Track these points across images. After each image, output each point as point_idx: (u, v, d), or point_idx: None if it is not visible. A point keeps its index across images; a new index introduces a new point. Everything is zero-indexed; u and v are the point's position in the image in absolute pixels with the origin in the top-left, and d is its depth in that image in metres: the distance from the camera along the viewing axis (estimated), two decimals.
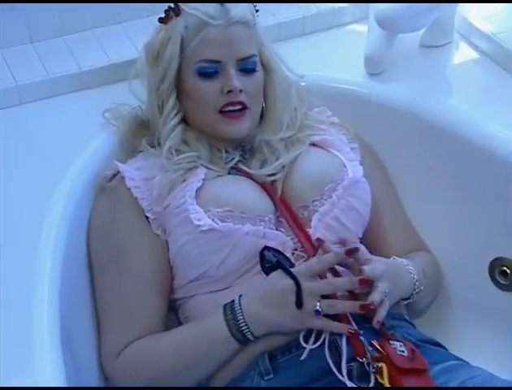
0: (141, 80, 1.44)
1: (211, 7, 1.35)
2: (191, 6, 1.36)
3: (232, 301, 1.25)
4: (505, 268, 1.47)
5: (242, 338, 1.23)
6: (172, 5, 1.38)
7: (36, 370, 1.11)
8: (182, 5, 1.37)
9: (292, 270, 1.23)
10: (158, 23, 1.40)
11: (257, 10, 1.41)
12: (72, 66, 1.59)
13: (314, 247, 1.30)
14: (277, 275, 1.24)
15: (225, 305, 1.25)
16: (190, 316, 1.34)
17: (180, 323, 1.37)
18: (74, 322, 1.30)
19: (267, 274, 1.26)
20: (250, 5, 1.39)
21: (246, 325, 1.23)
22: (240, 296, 1.25)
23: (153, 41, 1.39)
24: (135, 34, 1.65)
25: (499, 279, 1.48)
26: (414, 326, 1.36)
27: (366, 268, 1.23)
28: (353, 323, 1.22)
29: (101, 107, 1.48)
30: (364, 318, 1.24)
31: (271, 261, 1.26)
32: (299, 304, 1.21)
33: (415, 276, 1.35)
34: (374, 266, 1.25)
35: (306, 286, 1.22)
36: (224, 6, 1.35)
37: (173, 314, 1.38)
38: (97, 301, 1.35)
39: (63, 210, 1.34)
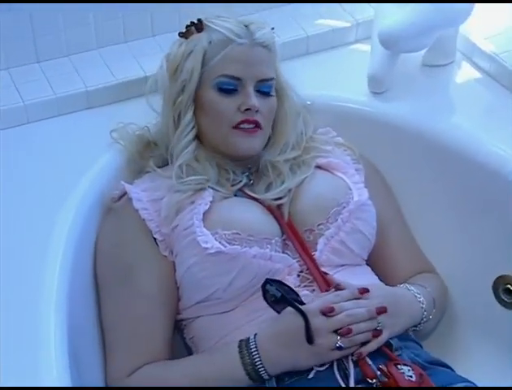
0: (156, 95, 1.44)
1: (236, 27, 1.37)
2: (216, 23, 1.38)
3: (248, 340, 1.23)
4: (508, 286, 1.48)
5: (257, 378, 1.22)
6: (196, 20, 1.40)
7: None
8: (206, 21, 1.39)
9: (305, 306, 1.22)
10: (178, 37, 1.42)
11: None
12: (79, 85, 1.60)
13: (320, 271, 1.30)
14: (289, 313, 1.22)
15: (240, 343, 1.23)
16: (195, 337, 1.34)
17: (185, 343, 1.37)
18: (81, 342, 1.29)
19: (272, 307, 1.24)
20: (271, 30, 1.41)
21: (263, 366, 1.21)
22: (255, 335, 1.23)
23: (174, 54, 1.41)
24: (140, 53, 1.67)
25: (503, 297, 1.49)
26: (421, 345, 1.35)
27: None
28: (373, 366, 1.21)
29: (108, 126, 1.48)
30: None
31: (274, 295, 1.24)
32: (310, 339, 1.19)
33: (424, 306, 1.35)
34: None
35: (321, 322, 1.20)
36: (248, 28, 1.37)
37: (177, 333, 1.38)
38: (103, 322, 1.35)
39: (70, 228, 1.35)
